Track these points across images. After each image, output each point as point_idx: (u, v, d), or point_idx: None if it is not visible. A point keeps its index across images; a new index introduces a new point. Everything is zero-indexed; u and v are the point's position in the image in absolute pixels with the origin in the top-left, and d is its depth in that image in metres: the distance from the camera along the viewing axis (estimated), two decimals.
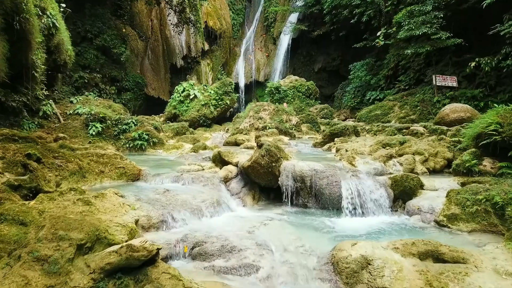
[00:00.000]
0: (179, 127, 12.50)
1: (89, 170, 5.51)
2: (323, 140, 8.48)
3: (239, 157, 6.24)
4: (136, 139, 10.14)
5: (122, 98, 25.51)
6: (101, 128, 11.38)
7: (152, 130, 10.37)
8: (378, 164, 5.76)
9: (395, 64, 19.89)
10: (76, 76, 22.24)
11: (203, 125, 15.55)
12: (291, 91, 20.99)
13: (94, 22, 22.69)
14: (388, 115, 16.37)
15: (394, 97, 17.71)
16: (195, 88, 16.10)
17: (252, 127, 12.16)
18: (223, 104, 15.77)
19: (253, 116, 12.43)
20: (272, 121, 12.32)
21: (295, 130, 12.28)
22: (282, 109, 12.81)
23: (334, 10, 24.82)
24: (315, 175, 5.10)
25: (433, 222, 4.46)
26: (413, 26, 13.90)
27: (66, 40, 13.83)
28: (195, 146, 8.70)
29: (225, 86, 16.07)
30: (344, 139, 7.94)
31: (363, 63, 22.97)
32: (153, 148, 10.18)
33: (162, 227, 4.10)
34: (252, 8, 39.32)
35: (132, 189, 5.18)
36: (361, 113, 17.73)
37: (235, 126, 12.79)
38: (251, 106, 12.97)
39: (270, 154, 5.34)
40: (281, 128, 11.97)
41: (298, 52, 34.24)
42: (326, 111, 20.42)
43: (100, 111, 11.78)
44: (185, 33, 30.00)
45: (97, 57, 23.12)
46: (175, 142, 10.75)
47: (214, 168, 6.34)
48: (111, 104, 13.58)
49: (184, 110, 15.56)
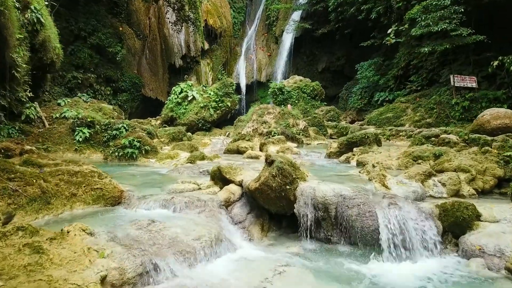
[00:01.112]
0: (175, 132, 11.40)
1: (56, 194, 4.40)
2: (339, 149, 7.36)
3: (243, 174, 5.13)
4: (127, 147, 9.04)
5: (118, 99, 24.44)
6: (89, 133, 10.29)
7: (145, 136, 9.27)
8: (415, 185, 4.65)
9: (406, 64, 18.78)
10: (69, 76, 21.16)
11: (202, 129, 14.45)
12: (296, 92, 19.89)
13: (88, 20, 21.60)
14: (400, 118, 15.26)
15: (406, 99, 16.59)
16: (193, 89, 15.00)
17: (255, 132, 11.05)
18: (223, 106, 14.67)
19: (257, 120, 11.32)
20: (277, 125, 11.22)
21: (302, 135, 11.18)
22: (288, 112, 11.70)
23: (340, 8, 23.71)
24: (342, 203, 3.98)
25: (504, 271, 3.35)
26: (431, 22, 12.79)
27: (53, 37, 12.76)
28: (192, 156, 7.59)
29: (225, 87, 14.98)
30: (364, 149, 6.83)
31: (370, 62, 21.86)
32: (146, 157, 9.08)
33: (140, 283, 2.99)
34: (253, 6, 38.22)
35: (108, 220, 4.08)
36: (371, 116, 16.62)
37: (237, 131, 11.69)
38: (254, 109, 11.87)
39: (283, 174, 4.23)
40: (288, 133, 10.86)
41: (301, 51, 33.14)
42: (333, 113, 19.30)
43: (88, 115, 10.69)
44: (184, 32, 28.91)
45: (92, 57, 22.03)
46: (171, 149, 9.64)
47: (213, 187, 5.23)
48: (101, 106, 12.49)
49: (181, 112, 14.46)
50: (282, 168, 4.25)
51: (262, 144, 8.57)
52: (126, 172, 6.81)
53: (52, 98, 19.71)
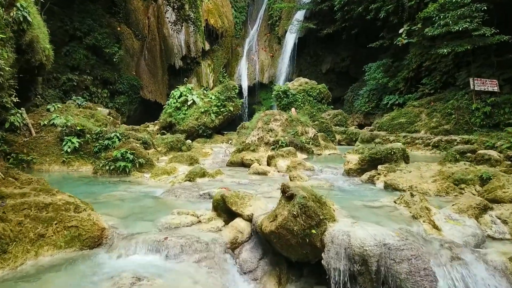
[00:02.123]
0: (173, 141, 10.45)
1: (17, 237, 3.47)
2: (360, 166, 6.41)
3: (252, 204, 4.19)
4: (119, 160, 8.10)
5: (115, 102, 23.54)
6: (79, 143, 9.37)
7: (139, 148, 8.33)
8: (471, 224, 3.69)
9: (418, 65, 17.81)
10: (64, 78, 20.26)
11: (202, 136, 13.51)
12: (301, 95, 18.94)
13: (84, 19, 20.68)
14: (414, 124, 14.29)
15: (419, 103, 15.62)
16: (193, 93, 14.05)
17: (261, 142, 10.10)
18: (225, 111, 13.72)
19: (262, 128, 10.37)
20: (285, 134, 10.26)
21: (312, 144, 10.23)
22: (297, 119, 10.74)
23: (347, 7, 22.75)
24: (387, 255, 3.03)
25: None
26: (450, 21, 11.82)
27: (42, 38, 11.82)
28: (191, 173, 6.65)
29: (228, 90, 14.03)
30: (390, 167, 5.88)
31: (379, 64, 20.90)
32: (140, 171, 8.14)
33: None
34: (255, 6, 37.28)
35: (81, 275, 3.13)
36: (382, 121, 15.64)
37: (241, 139, 10.74)
38: (259, 116, 10.92)
39: (307, 214, 3.29)
40: (296, 142, 9.91)
41: (304, 52, 32.19)
42: (340, 118, 18.36)
43: (78, 122, 9.75)
44: (184, 32, 28.00)
45: (87, 58, 21.12)
46: (168, 162, 8.70)
47: (216, 221, 4.29)
48: (94, 113, 11.54)
49: (181, 118, 13.51)
50: (306, 206, 3.30)
51: (270, 157, 7.62)
52: (114, 194, 5.87)
53: (45, 102, 18.78)
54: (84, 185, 7.06)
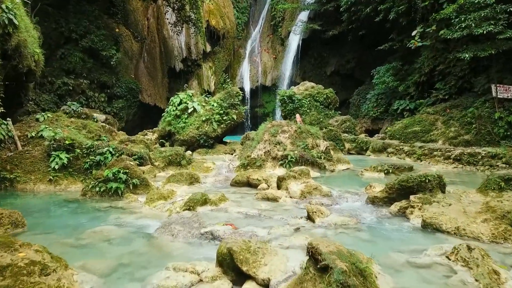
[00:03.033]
0: (172, 155, 9.57)
1: None
2: (388, 194, 5.50)
3: (268, 263, 3.31)
4: (110, 180, 7.22)
5: (113, 107, 22.67)
6: (68, 159, 8.48)
7: (133, 167, 7.44)
8: None
9: (431, 69, 16.88)
10: (59, 82, 19.40)
11: (204, 146, 12.62)
12: (307, 100, 18.04)
13: (80, 21, 19.82)
14: (430, 133, 13.38)
15: (434, 110, 14.71)
16: (194, 99, 13.17)
17: (268, 156, 9.21)
18: (228, 119, 12.83)
19: (269, 141, 9.48)
20: (294, 147, 9.37)
21: (324, 158, 9.34)
22: (307, 130, 9.84)
23: (353, 7, 21.83)
24: None
25: None
26: (472, 23, 10.91)
27: (31, 41, 10.97)
28: (191, 200, 5.78)
29: (231, 97, 13.14)
30: (425, 198, 4.98)
31: (388, 67, 19.98)
32: (134, 192, 7.26)
33: None
34: (257, 6, 36.39)
35: None
36: (394, 129, 14.73)
37: (245, 152, 9.85)
38: (266, 127, 10.02)
39: None
40: (307, 157, 9.02)
41: (308, 53, 31.29)
42: (349, 124, 17.46)
43: (67, 136, 8.87)
44: (185, 33, 27.14)
45: (84, 61, 20.25)
46: (165, 181, 7.81)
47: (221, 280, 3.42)
48: (86, 123, 10.67)
49: (180, 127, 12.63)
50: (347, 285, 2.40)
51: (281, 179, 6.73)
52: (101, 230, 4.98)
53: (38, 108, 17.92)
54: (69, 213, 6.18)
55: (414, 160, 12.09)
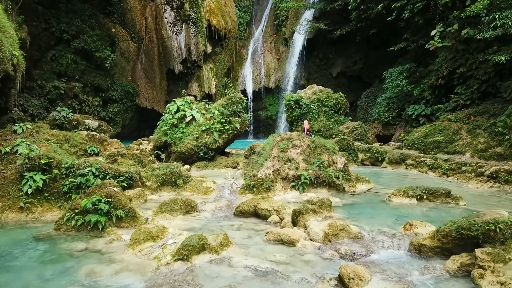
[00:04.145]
0: (166, 174, 8.30)
1: None
2: (441, 244, 4.22)
3: None
4: (89, 212, 5.96)
5: (108, 111, 21.45)
6: (43, 181, 7.21)
7: (117, 195, 6.17)
8: None
9: (449, 72, 15.55)
10: (50, 86, 18.18)
11: (203, 158, 11.34)
12: (315, 105, 16.75)
13: (72, 20, 18.58)
14: (454, 144, 12.07)
15: (456, 117, 13.41)
16: (193, 107, 11.88)
17: (277, 176, 7.92)
18: (230, 129, 11.54)
19: (279, 157, 8.19)
20: (307, 164, 8.08)
21: (342, 177, 8.05)
22: (321, 145, 8.54)
23: (363, 5, 20.51)
24: None
25: None
26: (509, 21, 9.60)
27: (8, 43, 9.71)
28: (186, 247, 4.53)
29: (233, 104, 11.86)
30: (497, 255, 3.71)
31: (401, 69, 18.65)
32: (118, 225, 6.00)
33: None
34: (260, 5, 35.08)
35: None
36: (413, 138, 13.42)
37: (251, 170, 8.56)
38: (274, 141, 8.73)
39: None
40: (323, 177, 7.74)
41: (313, 54, 29.99)
42: (361, 131, 16.16)
43: (44, 153, 7.60)
44: (185, 33, 25.87)
45: (76, 63, 19.03)
46: (157, 210, 6.52)
47: None
48: (70, 136, 9.39)
49: (178, 137, 11.35)
50: None
51: (297, 213, 5.45)
52: None
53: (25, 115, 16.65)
54: (34, 261, 4.93)
55: (439, 175, 10.79)
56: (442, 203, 6.87)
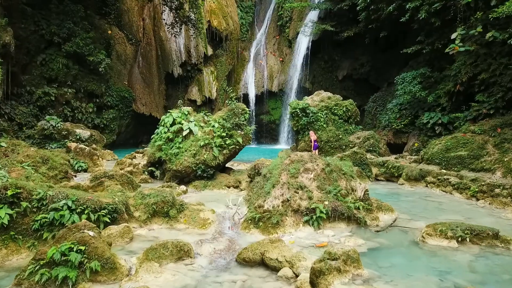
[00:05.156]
0: (157, 203, 7.13)
1: None
2: None
3: None
4: (57, 264, 4.80)
5: (103, 118, 20.31)
6: (10, 217, 6.05)
7: (93, 241, 5.00)
8: None
9: (469, 78, 14.34)
10: (39, 92, 17.04)
11: (202, 177, 10.16)
12: (323, 113, 15.54)
13: (63, 22, 17.43)
14: (481, 160, 10.85)
15: (480, 128, 12.19)
16: (190, 119, 10.70)
17: (288, 208, 6.74)
18: (232, 143, 10.35)
19: (288, 184, 7.01)
20: (322, 193, 6.89)
21: (363, 207, 6.86)
22: (338, 168, 7.35)
23: (373, 5, 19.31)
24: None
25: None
26: None
27: None
28: None
29: (235, 115, 10.68)
30: None
31: (415, 74, 17.45)
32: (94, 279, 4.84)
33: None
34: (262, 5, 33.89)
35: None
36: (432, 152, 12.21)
37: (256, 197, 7.37)
38: (282, 163, 7.54)
39: None
40: (342, 209, 6.55)
41: (318, 56, 28.78)
42: (373, 142, 14.95)
43: (12, 181, 6.44)
44: (184, 35, 24.72)
45: (68, 67, 17.88)
46: (142, 256, 5.35)
47: None
48: (48, 156, 8.22)
49: (173, 153, 10.17)
50: None
51: (317, 272, 4.28)
52: None
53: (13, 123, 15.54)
54: None
55: (466, 197, 9.59)
56: (489, 246, 5.67)
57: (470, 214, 7.90)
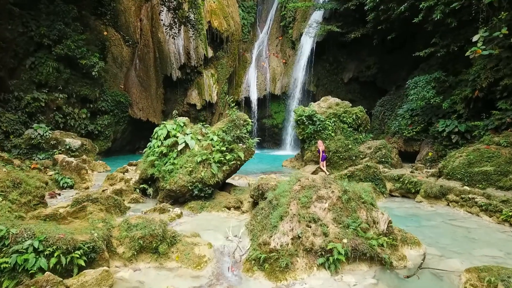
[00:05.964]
0: (145, 236, 6.07)
1: None
2: None
3: None
4: None
5: (97, 124, 19.28)
6: None
7: None
8: None
9: (489, 83, 13.24)
10: (28, 98, 16.00)
11: (199, 197, 9.09)
12: (331, 121, 14.45)
13: (53, 23, 16.39)
14: (510, 177, 9.74)
15: (506, 140, 11.09)
16: (186, 131, 9.64)
17: (298, 246, 5.66)
18: (233, 159, 9.28)
19: (299, 216, 5.94)
20: (339, 227, 5.82)
21: (387, 243, 5.80)
22: (357, 196, 6.27)
23: (383, 5, 18.20)
24: None
25: None
26: None
27: None
28: None
29: (236, 128, 9.61)
30: None
31: (429, 78, 16.34)
32: None
33: None
34: (265, 5, 32.80)
35: None
36: (453, 166, 11.11)
37: (261, 232, 6.28)
38: (292, 190, 6.45)
39: None
40: (363, 248, 5.49)
41: (322, 58, 27.66)
42: (385, 152, 13.85)
43: None
44: (183, 37, 23.66)
45: (59, 71, 16.84)
46: None
47: None
48: (22, 179, 7.14)
49: (167, 170, 9.11)
50: None
51: None
52: None
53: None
54: None
55: (497, 221, 8.49)
56: None
57: (509, 247, 6.80)
